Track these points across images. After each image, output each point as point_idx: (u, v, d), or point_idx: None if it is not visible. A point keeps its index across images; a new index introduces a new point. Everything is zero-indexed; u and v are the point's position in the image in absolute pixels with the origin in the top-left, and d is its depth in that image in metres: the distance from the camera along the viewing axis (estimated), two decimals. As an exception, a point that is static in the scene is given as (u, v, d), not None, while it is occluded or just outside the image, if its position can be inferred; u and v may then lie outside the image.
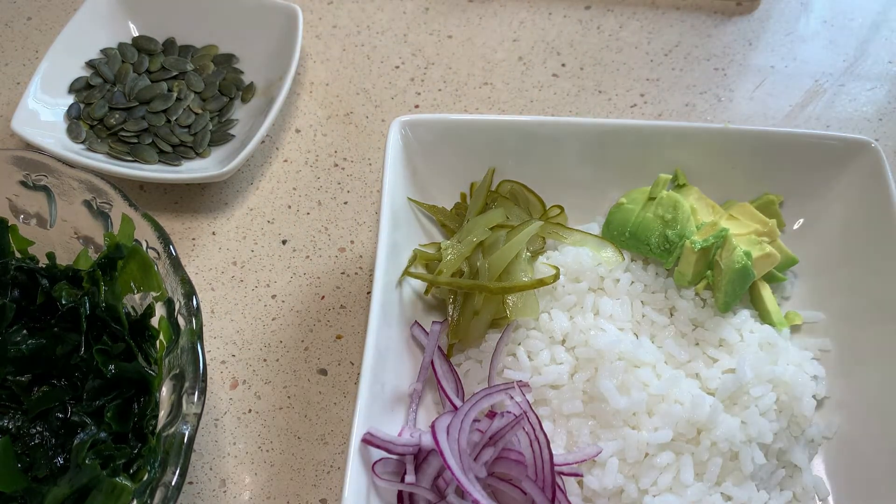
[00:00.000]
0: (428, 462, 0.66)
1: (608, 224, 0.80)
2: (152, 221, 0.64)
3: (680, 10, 1.08)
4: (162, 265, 0.63)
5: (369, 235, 0.87)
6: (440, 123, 0.80)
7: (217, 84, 0.95)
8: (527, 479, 0.65)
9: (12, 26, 1.06)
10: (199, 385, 0.57)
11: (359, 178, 0.92)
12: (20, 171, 0.68)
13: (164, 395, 0.59)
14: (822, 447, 0.72)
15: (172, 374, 0.59)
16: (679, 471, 0.66)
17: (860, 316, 0.76)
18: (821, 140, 0.80)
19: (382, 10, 1.07)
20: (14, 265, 0.69)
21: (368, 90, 0.99)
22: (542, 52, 1.03)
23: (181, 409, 0.56)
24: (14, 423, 0.66)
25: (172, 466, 0.54)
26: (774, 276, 0.78)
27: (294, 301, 0.83)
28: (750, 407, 0.68)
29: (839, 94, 1.00)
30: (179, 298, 0.61)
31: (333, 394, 0.77)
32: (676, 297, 0.75)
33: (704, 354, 0.73)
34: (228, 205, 0.89)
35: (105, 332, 0.67)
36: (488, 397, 0.69)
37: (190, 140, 0.90)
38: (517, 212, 0.81)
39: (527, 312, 0.73)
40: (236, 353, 0.79)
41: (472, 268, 0.76)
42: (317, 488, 0.72)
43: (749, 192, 0.82)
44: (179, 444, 0.55)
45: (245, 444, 0.74)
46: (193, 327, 0.59)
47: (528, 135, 0.81)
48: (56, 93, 0.91)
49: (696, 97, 0.99)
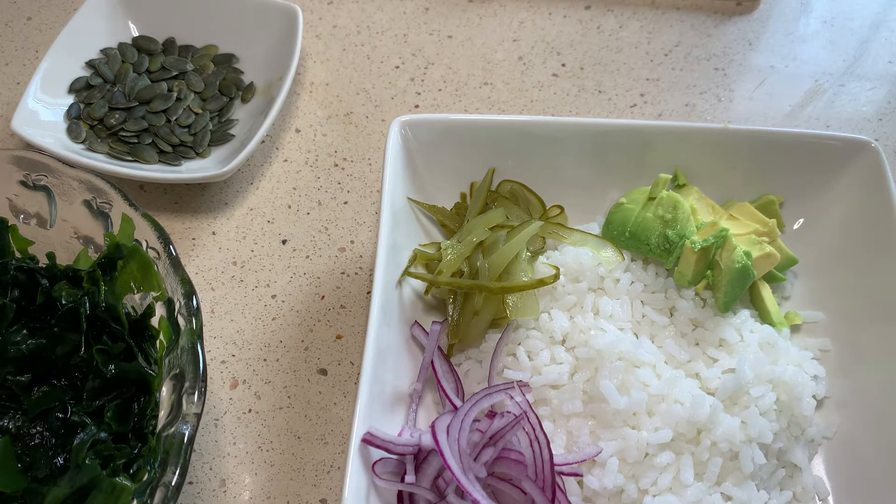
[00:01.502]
0: (428, 462, 0.66)
1: (608, 224, 0.80)
2: (152, 221, 0.64)
3: (680, 10, 1.08)
4: (162, 265, 0.63)
5: (369, 235, 0.87)
6: (440, 123, 0.80)
7: (217, 84, 0.95)
8: (527, 479, 0.65)
9: (12, 26, 1.06)
10: (199, 385, 0.57)
11: (359, 178, 0.92)
12: (20, 171, 0.68)
13: (164, 395, 0.59)
14: (822, 447, 0.72)
15: (172, 374, 0.59)
16: (679, 471, 0.66)
17: (860, 316, 0.76)
18: (821, 140, 0.80)
19: (382, 10, 1.07)
20: (14, 265, 0.69)
21: (368, 90, 0.99)
22: (542, 52, 1.03)
23: (181, 409, 0.56)
24: (14, 423, 0.66)
25: (172, 466, 0.54)
26: (774, 276, 0.78)
27: (294, 301, 0.83)
28: (750, 407, 0.68)
29: (839, 94, 1.00)
30: (179, 298, 0.61)
31: (333, 394, 0.77)
32: (676, 297, 0.75)
33: (704, 354, 0.73)
34: (228, 205, 0.89)
35: (105, 332, 0.67)
36: (488, 397, 0.69)
37: (190, 140, 0.90)
38: (517, 212, 0.81)
39: (527, 312, 0.73)
40: (236, 353, 0.79)
41: (472, 268, 0.76)
42: (317, 488, 0.72)
43: (749, 192, 0.82)
44: (179, 444, 0.55)
45: (245, 444, 0.74)
46: (193, 327, 0.59)
47: (528, 135, 0.81)
48: (56, 93, 0.91)
49: (696, 97, 0.99)
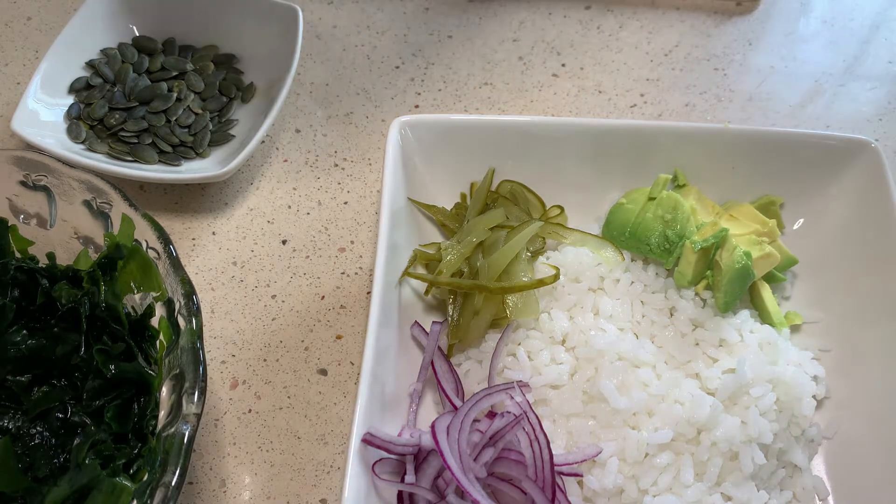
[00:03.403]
0: (428, 462, 0.66)
1: (608, 224, 0.80)
2: (152, 221, 0.64)
3: (680, 10, 1.08)
4: (162, 265, 0.63)
5: (369, 235, 0.87)
6: (440, 123, 0.80)
7: (217, 84, 0.95)
8: (527, 479, 0.65)
9: (12, 26, 1.05)
10: (199, 385, 0.57)
11: (359, 178, 0.92)
12: (20, 171, 0.68)
13: (164, 395, 0.59)
14: (822, 447, 0.72)
15: (172, 374, 0.59)
16: (679, 471, 0.66)
17: (860, 316, 0.76)
18: (821, 140, 0.80)
19: (382, 10, 1.07)
20: (14, 265, 0.69)
21: (368, 90, 0.99)
22: (542, 52, 1.03)
23: (181, 409, 0.56)
24: (14, 424, 0.66)
25: (172, 466, 0.54)
26: (774, 276, 0.78)
27: (294, 301, 0.83)
28: (750, 407, 0.68)
29: (839, 94, 1.00)
30: (179, 298, 0.61)
31: (333, 394, 0.77)
32: (676, 297, 0.75)
33: (704, 354, 0.73)
34: (228, 205, 0.89)
35: (105, 332, 0.67)
36: (488, 397, 0.69)
37: (190, 140, 0.90)
38: (517, 212, 0.81)
39: (527, 312, 0.73)
40: (236, 353, 0.79)
41: (472, 268, 0.76)
42: (317, 488, 0.72)
43: (749, 193, 0.82)
44: (180, 444, 0.55)
45: (245, 444, 0.74)
46: (193, 327, 0.59)
47: (528, 135, 0.81)
48: (56, 93, 0.91)
49: (696, 97, 0.99)
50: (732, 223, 0.78)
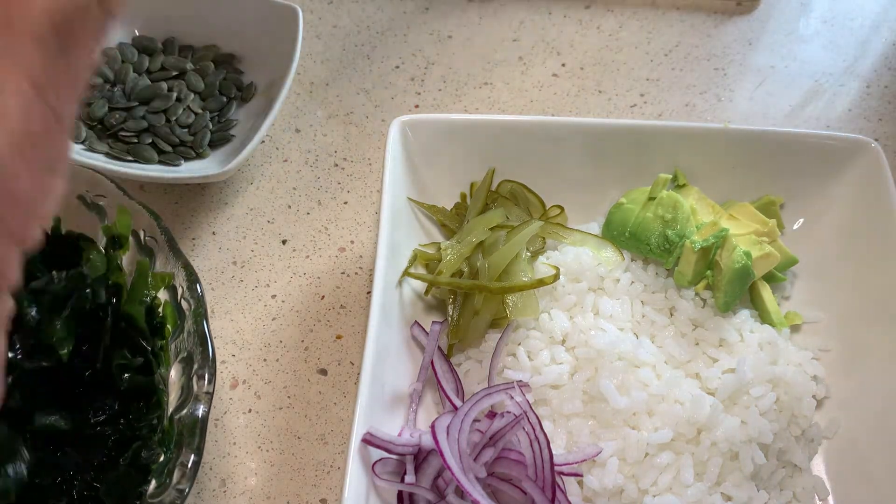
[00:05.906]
0: (428, 462, 0.66)
1: (608, 224, 0.79)
2: (147, 209, 0.65)
3: (680, 10, 1.08)
4: (162, 253, 0.64)
5: (369, 235, 0.87)
6: (440, 123, 0.80)
7: (217, 84, 0.95)
8: (527, 479, 0.65)
9: (12, 26, 1.05)
10: (208, 365, 0.57)
11: (359, 178, 0.92)
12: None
13: (174, 378, 0.60)
14: (822, 447, 0.72)
15: (181, 358, 0.59)
16: (679, 471, 0.66)
17: (860, 316, 0.76)
18: (821, 140, 0.80)
19: (382, 10, 1.07)
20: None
21: (368, 90, 0.99)
22: (542, 52, 1.03)
23: (191, 391, 0.57)
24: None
25: (189, 447, 0.55)
26: (774, 276, 0.78)
27: (294, 301, 0.82)
28: (750, 407, 0.68)
29: (839, 94, 1.00)
30: (182, 283, 0.62)
31: (333, 394, 0.77)
32: (676, 297, 0.75)
33: (704, 354, 0.73)
34: (228, 205, 0.89)
35: (126, 344, 0.65)
36: (488, 397, 0.69)
37: (190, 140, 0.90)
38: (517, 212, 0.81)
39: (527, 312, 0.73)
40: (236, 353, 0.79)
41: (472, 268, 0.76)
42: (317, 488, 0.72)
43: (749, 193, 0.82)
44: (193, 424, 0.56)
45: (245, 444, 0.74)
46: (199, 309, 0.60)
47: (528, 135, 0.81)
48: (56, 93, 0.91)
49: (696, 97, 0.99)
50: (732, 223, 0.78)
